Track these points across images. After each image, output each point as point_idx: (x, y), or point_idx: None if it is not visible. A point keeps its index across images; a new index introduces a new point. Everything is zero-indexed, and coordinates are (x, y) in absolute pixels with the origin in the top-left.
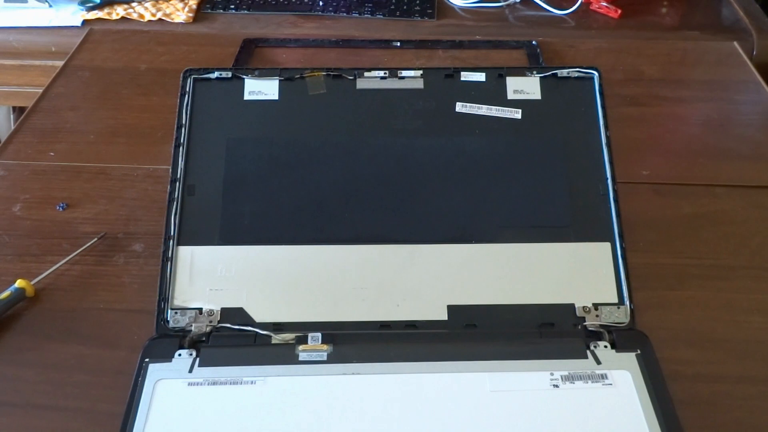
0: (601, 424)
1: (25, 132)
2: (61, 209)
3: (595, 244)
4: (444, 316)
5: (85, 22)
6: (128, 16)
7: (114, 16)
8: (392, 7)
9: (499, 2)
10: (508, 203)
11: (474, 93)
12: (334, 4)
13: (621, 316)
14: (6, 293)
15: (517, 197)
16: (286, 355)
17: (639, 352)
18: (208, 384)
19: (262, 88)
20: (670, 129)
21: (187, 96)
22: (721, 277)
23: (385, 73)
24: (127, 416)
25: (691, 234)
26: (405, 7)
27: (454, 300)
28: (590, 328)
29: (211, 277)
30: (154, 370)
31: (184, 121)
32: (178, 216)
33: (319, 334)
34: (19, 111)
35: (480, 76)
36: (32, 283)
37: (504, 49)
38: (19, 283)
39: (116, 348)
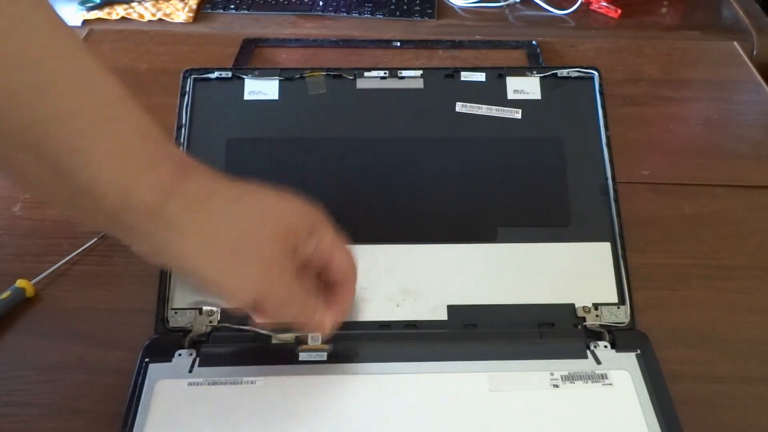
0: (600, 424)
1: None
2: None
3: (595, 244)
4: (444, 316)
5: (85, 22)
6: (128, 16)
7: (114, 16)
8: (392, 7)
9: (499, 2)
10: (508, 203)
11: (474, 93)
12: (334, 4)
13: (621, 316)
14: (6, 293)
15: (517, 197)
16: (286, 355)
17: (639, 352)
18: (208, 384)
19: (262, 88)
20: (670, 129)
21: (187, 96)
22: (721, 277)
23: (385, 73)
24: (127, 416)
25: (691, 234)
26: (405, 7)
27: (454, 300)
28: (590, 328)
29: None
30: (154, 370)
31: (184, 121)
32: None
33: (319, 334)
34: None
35: (480, 76)
36: (32, 283)
37: (504, 49)
38: (19, 283)
39: (116, 348)
